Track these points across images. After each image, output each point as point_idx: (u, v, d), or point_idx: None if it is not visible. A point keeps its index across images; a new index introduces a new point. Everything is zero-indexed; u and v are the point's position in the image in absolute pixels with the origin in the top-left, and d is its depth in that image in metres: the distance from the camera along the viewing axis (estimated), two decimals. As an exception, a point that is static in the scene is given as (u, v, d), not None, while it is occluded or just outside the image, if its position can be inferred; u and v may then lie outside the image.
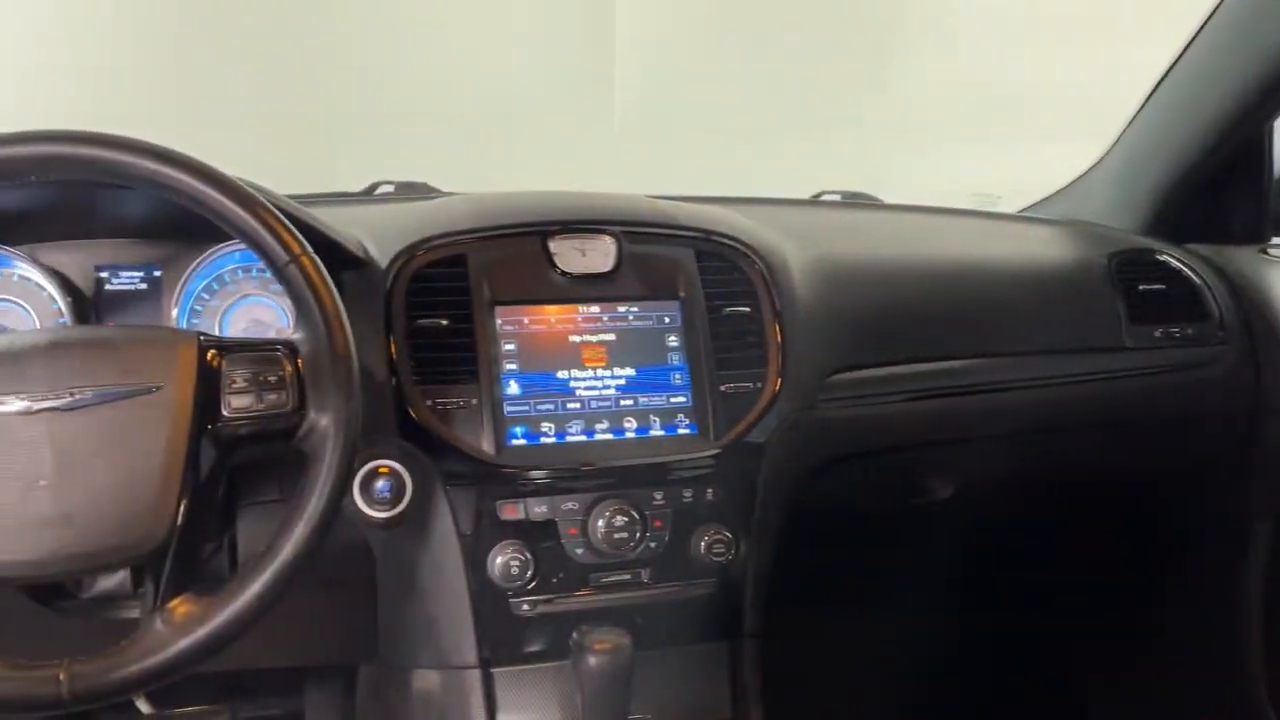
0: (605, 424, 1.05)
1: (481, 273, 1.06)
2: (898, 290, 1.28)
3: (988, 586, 1.87)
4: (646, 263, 1.11)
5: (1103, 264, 1.39)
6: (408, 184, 1.38)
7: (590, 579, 1.04)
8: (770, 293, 1.13)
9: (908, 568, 1.74)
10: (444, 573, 1.02)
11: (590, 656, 0.98)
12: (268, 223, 0.82)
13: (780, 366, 1.11)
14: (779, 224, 1.27)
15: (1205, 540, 1.52)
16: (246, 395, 0.82)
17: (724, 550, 1.07)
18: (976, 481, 1.38)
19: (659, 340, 1.09)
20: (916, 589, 1.83)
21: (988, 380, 1.28)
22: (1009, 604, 1.90)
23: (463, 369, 1.02)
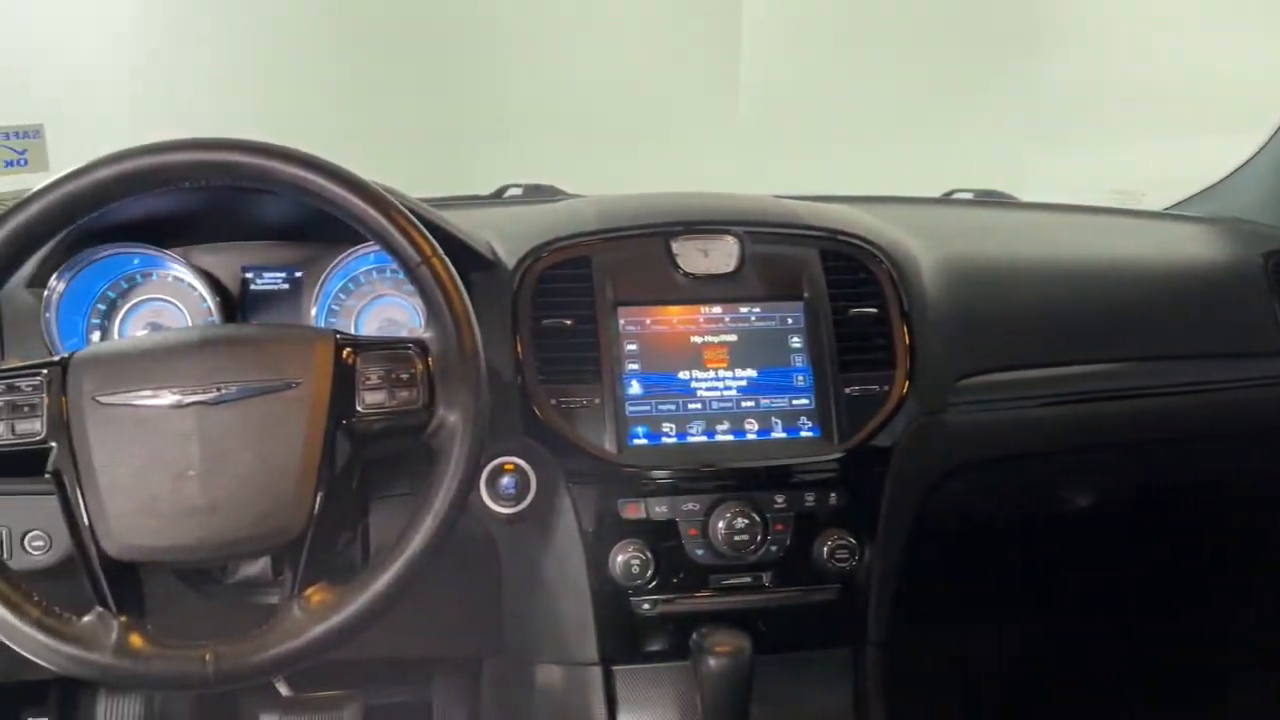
0: (726, 425, 1.05)
1: (605, 273, 1.07)
2: (1033, 291, 1.24)
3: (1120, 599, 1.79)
4: (770, 263, 1.10)
5: (1257, 264, 1.32)
6: (535, 186, 1.40)
7: (711, 580, 1.04)
8: (898, 293, 1.11)
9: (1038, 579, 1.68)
10: (566, 569, 1.04)
11: (710, 658, 0.98)
12: (401, 225, 0.85)
13: (908, 369, 1.09)
14: (908, 223, 1.24)
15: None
16: (379, 392, 0.84)
17: (847, 556, 1.05)
18: (1115, 491, 1.33)
19: (782, 341, 1.08)
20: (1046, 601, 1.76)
21: (1130, 385, 1.23)
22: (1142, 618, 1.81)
23: (586, 369, 1.04)
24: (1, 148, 1.18)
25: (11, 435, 0.79)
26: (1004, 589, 1.74)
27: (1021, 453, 1.21)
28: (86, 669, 0.77)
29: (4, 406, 0.79)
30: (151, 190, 0.82)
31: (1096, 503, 1.32)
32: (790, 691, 1.09)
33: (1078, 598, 1.79)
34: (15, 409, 0.80)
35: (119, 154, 0.81)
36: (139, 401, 0.80)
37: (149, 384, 0.80)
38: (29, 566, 0.97)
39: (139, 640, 0.78)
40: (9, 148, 1.19)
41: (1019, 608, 1.79)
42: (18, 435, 0.79)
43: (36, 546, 0.98)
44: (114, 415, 0.80)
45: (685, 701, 1.05)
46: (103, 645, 0.77)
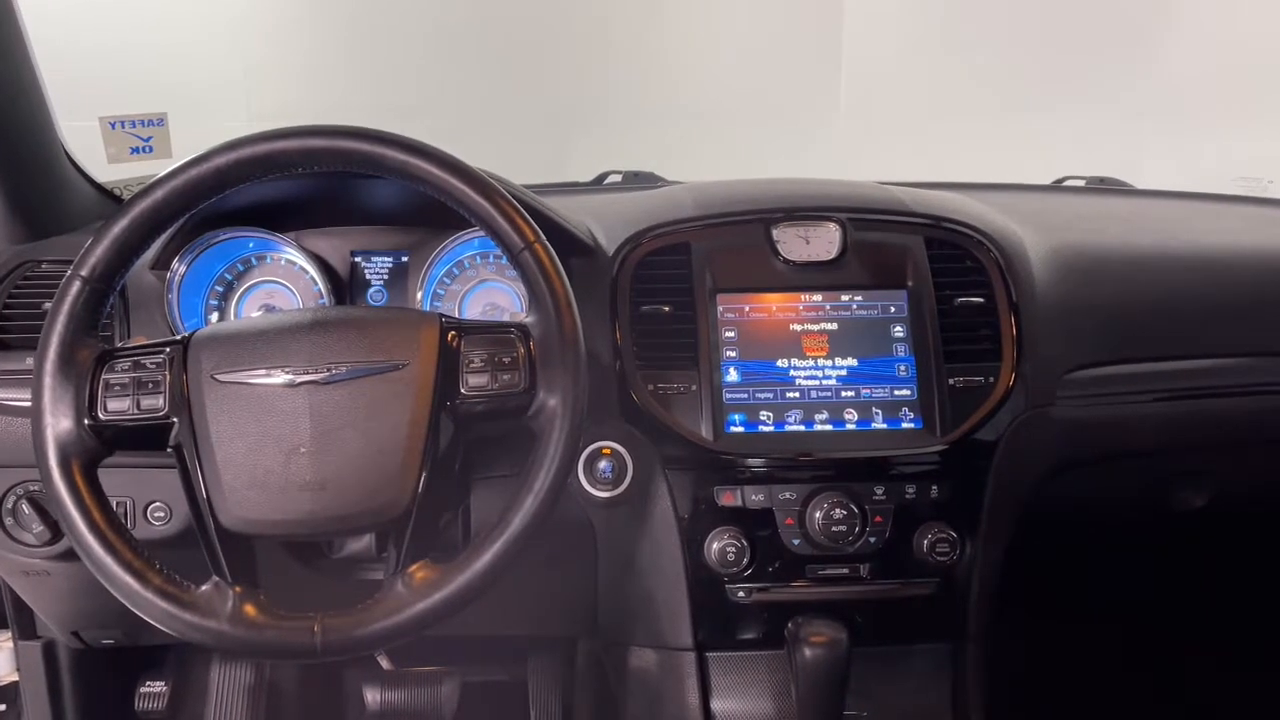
0: (825, 414, 1.04)
1: (704, 260, 1.06)
2: (1148, 282, 1.19)
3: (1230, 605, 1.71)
4: (873, 251, 1.08)
5: None
6: (634, 173, 1.41)
7: (807, 570, 1.03)
8: (1006, 282, 1.08)
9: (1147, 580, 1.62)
10: (662, 554, 1.04)
11: (806, 648, 0.97)
12: (505, 211, 0.86)
13: (1015, 361, 1.06)
14: (1017, 211, 1.20)
15: None
16: (482, 374, 0.86)
17: (948, 550, 1.03)
18: (1234, 492, 1.27)
19: (884, 330, 1.06)
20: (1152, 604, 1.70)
21: (1252, 381, 1.17)
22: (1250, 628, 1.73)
23: (684, 355, 1.04)
24: (128, 135, 1.23)
25: (138, 410, 0.83)
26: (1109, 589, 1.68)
27: (1132, 450, 1.17)
28: (204, 635, 0.80)
29: (131, 383, 0.83)
30: (267, 175, 0.85)
31: (1210, 505, 1.26)
32: (886, 685, 1.07)
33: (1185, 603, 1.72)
34: (141, 385, 0.83)
35: (236, 141, 0.84)
36: (254, 380, 0.83)
37: (263, 364, 0.83)
38: (151, 536, 1.02)
39: (252, 610, 0.81)
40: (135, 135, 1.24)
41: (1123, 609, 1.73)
42: (142, 410, 0.83)
43: (158, 517, 1.03)
44: (230, 393, 0.83)
45: (779, 690, 1.05)
46: (219, 613, 0.80)
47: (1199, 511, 1.27)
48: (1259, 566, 1.64)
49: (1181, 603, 1.75)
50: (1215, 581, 1.69)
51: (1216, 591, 1.71)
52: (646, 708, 1.11)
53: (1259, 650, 1.71)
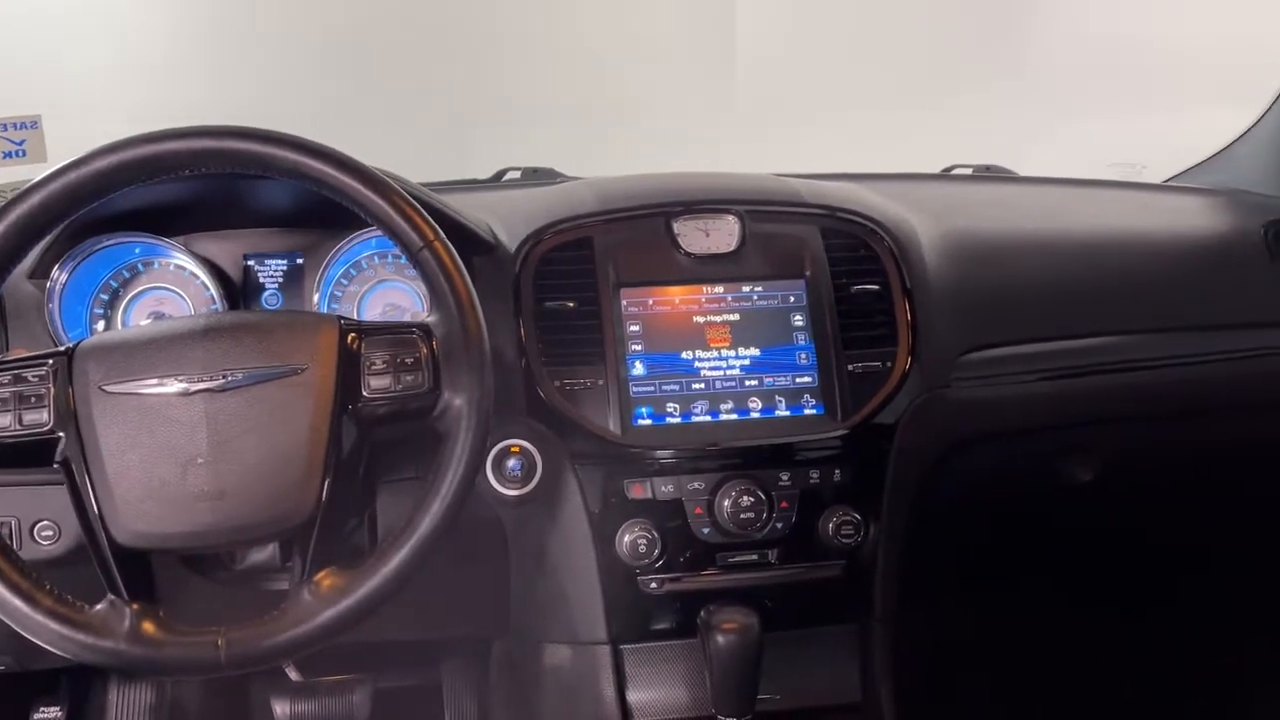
0: (730, 404, 1.05)
1: (607, 255, 1.07)
2: (1034, 265, 1.24)
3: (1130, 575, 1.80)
4: (771, 242, 1.10)
5: (1258, 234, 1.32)
6: (533, 169, 1.40)
7: (717, 558, 1.05)
8: (900, 269, 1.11)
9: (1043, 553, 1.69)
10: (573, 550, 1.04)
11: (718, 635, 0.99)
12: (403, 210, 0.85)
13: (911, 345, 1.09)
14: (908, 199, 1.24)
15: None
16: (385, 376, 0.84)
17: (853, 532, 1.06)
18: (1119, 465, 1.33)
19: (784, 320, 1.08)
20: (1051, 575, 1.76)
21: (1132, 358, 1.23)
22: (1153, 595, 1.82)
23: (589, 350, 1.04)
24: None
25: (19, 426, 0.80)
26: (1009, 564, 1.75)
27: (1025, 427, 1.22)
28: (101, 656, 0.78)
29: (11, 398, 0.80)
30: (152, 179, 0.82)
31: (1100, 477, 1.32)
32: (797, 668, 1.09)
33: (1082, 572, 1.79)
34: (22, 400, 0.80)
35: (119, 143, 0.81)
36: (145, 390, 0.80)
37: (155, 373, 0.81)
38: (38, 557, 0.98)
39: (151, 627, 0.78)
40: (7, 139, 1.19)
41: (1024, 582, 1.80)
42: (25, 426, 0.80)
43: (45, 536, 0.99)
44: (121, 404, 0.80)
45: (694, 678, 1.06)
46: (116, 632, 0.78)
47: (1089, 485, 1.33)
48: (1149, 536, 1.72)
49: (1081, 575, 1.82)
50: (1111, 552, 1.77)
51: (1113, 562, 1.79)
52: (563, 705, 1.11)
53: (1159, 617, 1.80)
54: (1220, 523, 1.64)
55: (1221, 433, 1.33)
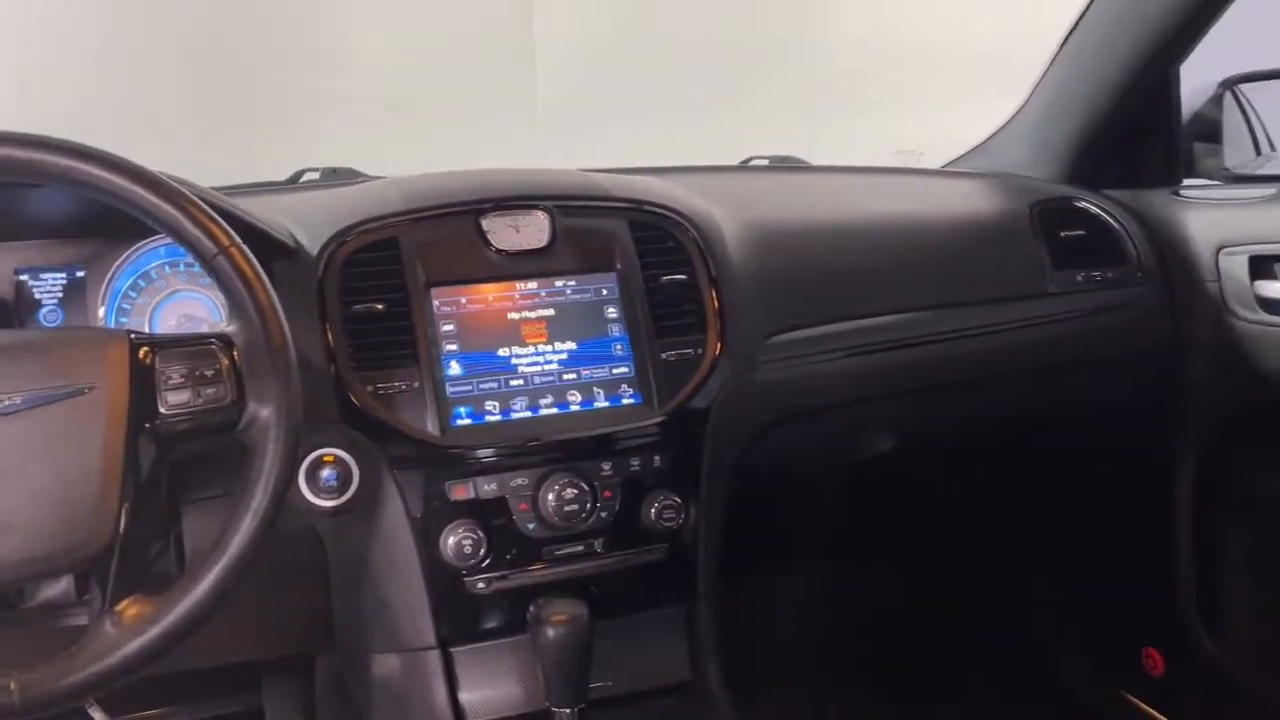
0: (549, 399, 1.06)
1: (415, 255, 1.05)
2: (829, 250, 1.30)
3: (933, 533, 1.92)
4: (581, 236, 1.11)
5: (1025, 214, 1.43)
6: (333, 170, 1.36)
7: (544, 553, 1.05)
8: (705, 259, 1.15)
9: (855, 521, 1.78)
10: (396, 557, 1.03)
11: (548, 629, 0.99)
12: (193, 215, 0.81)
13: (720, 331, 1.12)
14: (710, 191, 1.28)
15: (1136, 474, 1.58)
16: (183, 391, 0.80)
17: (674, 516, 1.08)
18: (916, 433, 1.41)
19: (598, 312, 1.10)
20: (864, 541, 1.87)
21: (921, 333, 1.30)
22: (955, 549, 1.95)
23: (402, 352, 1.02)
24: None
25: None
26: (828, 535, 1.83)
27: (829, 403, 1.28)
28: None
29: None
30: None
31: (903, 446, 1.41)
32: (628, 653, 1.11)
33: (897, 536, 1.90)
34: None
35: None
36: None
37: None
38: None
39: None
40: None
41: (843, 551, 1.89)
42: None
43: None
44: None
45: (526, 674, 1.06)
46: None
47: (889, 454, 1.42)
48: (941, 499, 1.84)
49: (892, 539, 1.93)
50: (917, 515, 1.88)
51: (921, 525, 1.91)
52: (394, 714, 1.09)
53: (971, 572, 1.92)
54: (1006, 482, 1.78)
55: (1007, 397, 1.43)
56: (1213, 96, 1.48)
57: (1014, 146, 1.65)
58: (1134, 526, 1.60)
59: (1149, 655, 1.61)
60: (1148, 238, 1.45)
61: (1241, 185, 1.44)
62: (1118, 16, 1.42)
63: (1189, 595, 1.52)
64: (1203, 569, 1.52)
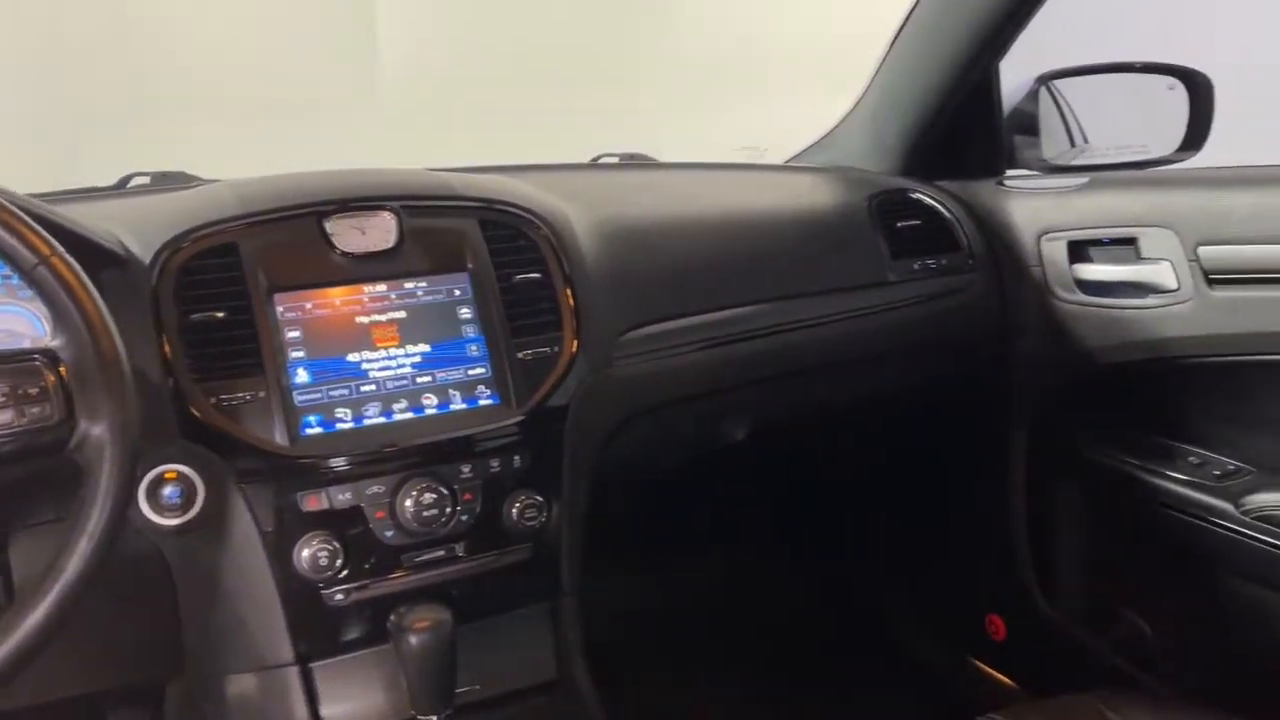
0: (404, 403, 1.04)
1: (256, 260, 1.02)
2: (680, 245, 1.32)
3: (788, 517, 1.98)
4: (430, 236, 1.09)
5: (863, 205, 1.48)
6: (163, 174, 1.30)
7: (404, 560, 1.03)
8: (558, 257, 1.15)
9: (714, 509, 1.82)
10: (248, 573, 0.99)
11: (410, 636, 0.98)
12: (9, 224, 0.76)
13: (576, 329, 1.13)
14: (561, 189, 1.28)
15: (974, 452, 1.66)
16: (5, 411, 0.76)
17: (536, 515, 1.08)
18: (769, 420, 1.45)
19: (451, 313, 1.08)
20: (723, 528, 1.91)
21: (770, 324, 1.34)
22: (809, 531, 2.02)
23: (246, 361, 0.99)
24: None
25: None
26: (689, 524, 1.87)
27: (685, 395, 1.30)
28: None
29: None
30: None
31: (757, 433, 1.44)
32: (494, 655, 1.11)
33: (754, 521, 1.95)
34: None
35: None
36: None
37: None
38: None
39: None
40: None
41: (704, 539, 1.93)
42: None
43: None
44: None
45: (390, 684, 1.04)
46: None
47: (744, 442, 1.45)
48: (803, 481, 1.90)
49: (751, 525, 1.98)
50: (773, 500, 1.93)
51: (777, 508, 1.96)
52: None
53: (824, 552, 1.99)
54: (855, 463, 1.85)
55: (853, 382, 1.48)
56: (1029, 92, 1.57)
57: (852, 141, 1.71)
58: (975, 500, 1.69)
59: (992, 622, 1.71)
60: (977, 226, 1.53)
61: (1059, 175, 1.52)
62: (939, 17, 1.49)
63: (1026, 562, 1.62)
64: (1037, 537, 1.61)
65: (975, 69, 1.51)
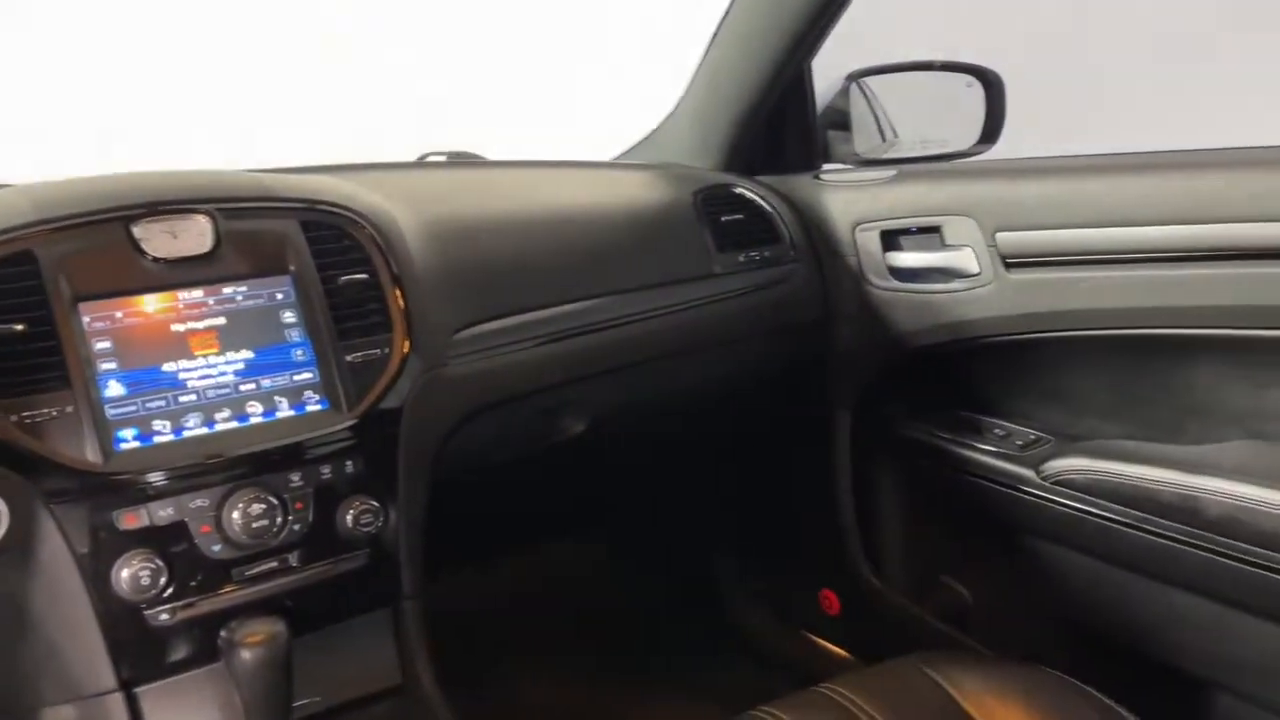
0: (227, 412, 1.01)
1: (57, 268, 0.96)
2: (511, 243, 1.32)
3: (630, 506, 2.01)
4: (249, 239, 1.06)
5: (689, 201, 1.52)
6: None
7: (234, 574, 1.00)
8: (385, 257, 1.13)
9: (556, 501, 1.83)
10: (62, 599, 0.94)
11: (242, 651, 0.95)
12: None
13: (407, 329, 1.11)
14: (386, 188, 1.26)
15: (803, 434, 1.73)
16: None
17: (373, 520, 1.06)
18: (608, 413, 1.47)
19: (274, 318, 1.05)
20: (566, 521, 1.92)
21: (604, 318, 1.36)
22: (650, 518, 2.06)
23: (50, 375, 0.93)
24: None
25: None
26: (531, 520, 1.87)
27: (522, 392, 1.30)
28: None
29: None
30: None
31: (596, 426, 1.46)
32: (335, 665, 1.09)
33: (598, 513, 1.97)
34: None
35: None
36: None
37: None
38: None
39: None
40: None
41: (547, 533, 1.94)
42: None
43: None
44: None
45: (224, 703, 1.00)
46: None
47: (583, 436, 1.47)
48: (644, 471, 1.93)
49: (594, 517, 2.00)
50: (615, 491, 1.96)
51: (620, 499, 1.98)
52: None
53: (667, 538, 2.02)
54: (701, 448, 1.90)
55: (687, 373, 1.52)
56: (841, 89, 1.65)
57: (676, 139, 1.75)
58: (805, 480, 1.76)
59: (826, 596, 1.79)
60: (796, 219, 1.60)
61: (870, 168, 1.61)
62: (752, 19, 1.55)
63: (854, 538, 1.70)
64: (863, 513, 1.70)
65: (789, 68, 1.57)
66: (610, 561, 2.00)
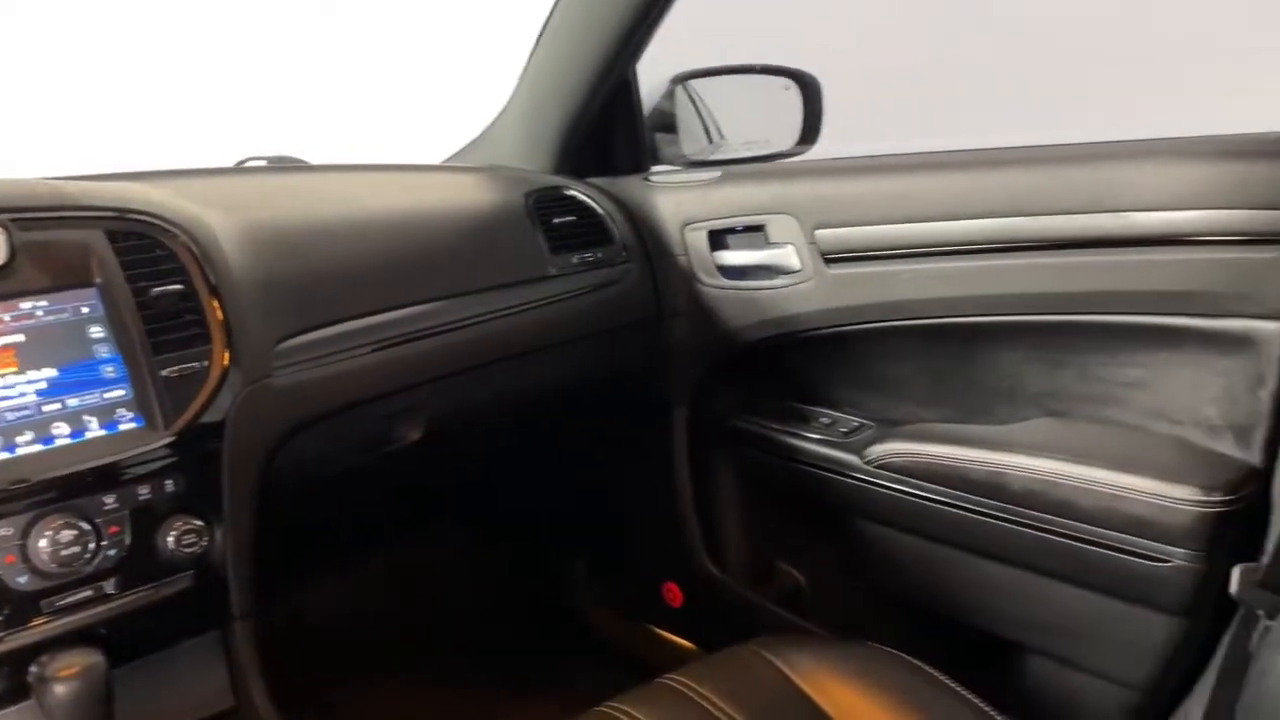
0: (29, 435, 0.95)
1: None
2: (338, 249, 1.29)
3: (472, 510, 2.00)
4: (48, 250, 1.00)
5: (521, 203, 1.53)
6: None
7: (43, 605, 0.94)
8: (201, 267, 1.09)
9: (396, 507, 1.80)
10: None
11: (55, 687, 0.90)
12: None
13: (226, 341, 1.08)
14: (201, 195, 1.21)
15: (643, 430, 1.76)
16: None
17: (196, 539, 1.03)
18: (446, 417, 1.46)
19: (79, 333, 1.00)
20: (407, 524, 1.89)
21: (438, 323, 1.34)
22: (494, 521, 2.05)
23: None
24: None
25: None
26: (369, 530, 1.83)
27: (354, 400, 1.27)
28: None
29: None
30: None
31: (432, 432, 1.44)
32: (162, 692, 1.04)
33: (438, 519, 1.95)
34: None
35: None
36: None
37: None
38: None
39: None
40: None
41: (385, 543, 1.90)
42: None
43: None
44: None
45: None
46: None
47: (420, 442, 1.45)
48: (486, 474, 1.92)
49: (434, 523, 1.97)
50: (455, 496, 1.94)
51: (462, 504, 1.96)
52: None
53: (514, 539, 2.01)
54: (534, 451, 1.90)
55: (524, 374, 1.52)
56: (666, 92, 1.69)
57: (506, 141, 1.75)
58: (646, 475, 1.79)
59: (669, 589, 1.82)
60: (627, 220, 1.62)
61: (697, 169, 1.65)
62: (576, 21, 1.57)
63: (694, 530, 1.74)
64: (702, 505, 1.74)
65: (614, 70, 1.59)
66: (455, 562, 1.98)
